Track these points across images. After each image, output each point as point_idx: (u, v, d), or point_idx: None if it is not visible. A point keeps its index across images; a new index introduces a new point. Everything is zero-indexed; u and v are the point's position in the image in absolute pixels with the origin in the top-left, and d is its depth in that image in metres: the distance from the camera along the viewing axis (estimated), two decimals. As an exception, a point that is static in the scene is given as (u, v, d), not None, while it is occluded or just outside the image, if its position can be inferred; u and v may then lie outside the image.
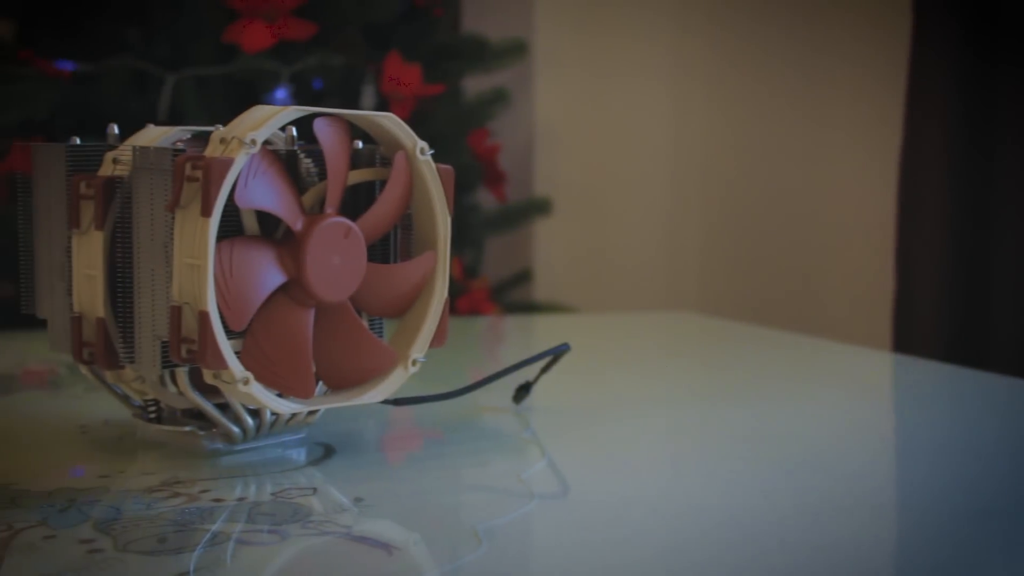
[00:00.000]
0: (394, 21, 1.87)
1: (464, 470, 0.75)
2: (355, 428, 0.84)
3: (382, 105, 1.78)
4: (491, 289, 2.00)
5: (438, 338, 0.76)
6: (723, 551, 0.60)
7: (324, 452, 0.76)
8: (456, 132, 1.85)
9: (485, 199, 2.05)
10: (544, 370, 0.89)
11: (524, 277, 2.18)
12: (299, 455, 0.76)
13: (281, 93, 1.69)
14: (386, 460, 0.80)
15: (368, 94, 1.80)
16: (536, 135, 2.35)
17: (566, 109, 2.38)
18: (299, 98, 1.75)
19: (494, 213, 2.04)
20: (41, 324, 0.78)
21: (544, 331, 1.63)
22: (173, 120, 1.67)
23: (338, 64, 1.75)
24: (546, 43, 2.33)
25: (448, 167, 0.75)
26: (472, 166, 1.86)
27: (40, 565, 0.56)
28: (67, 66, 1.71)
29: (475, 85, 2.04)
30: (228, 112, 1.70)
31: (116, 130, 0.74)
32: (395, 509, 0.66)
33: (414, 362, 0.75)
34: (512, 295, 2.14)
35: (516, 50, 1.97)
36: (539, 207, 2.09)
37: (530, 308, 2.11)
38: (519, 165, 2.27)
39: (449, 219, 0.75)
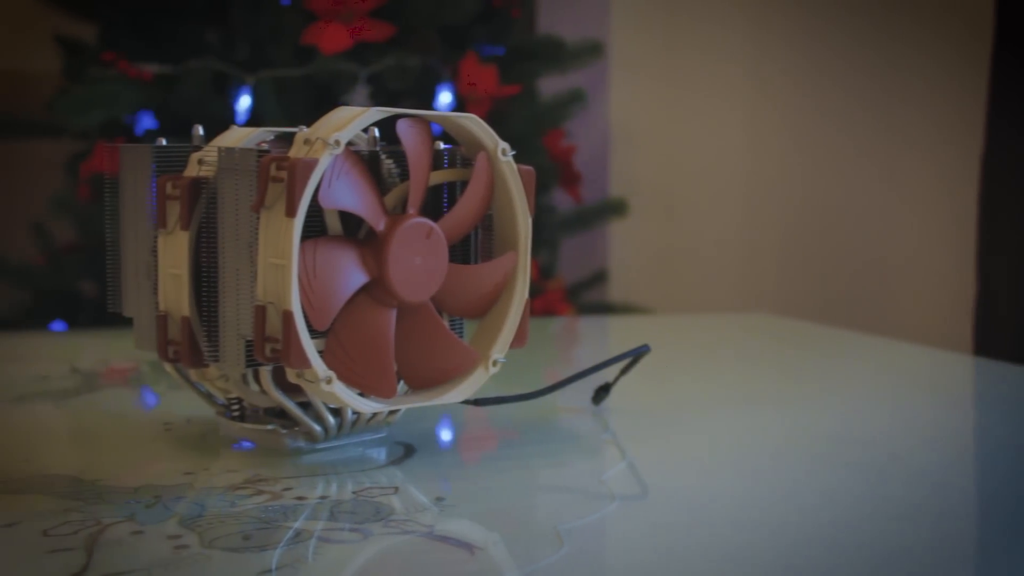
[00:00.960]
0: (471, 22, 1.87)
1: (544, 471, 0.75)
2: (434, 428, 0.84)
3: (458, 106, 1.78)
4: (566, 290, 1.99)
5: (518, 339, 0.76)
6: (800, 553, 0.59)
7: (404, 451, 0.76)
8: (532, 133, 1.85)
9: (561, 200, 2.05)
10: (624, 371, 0.88)
11: (599, 278, 2.17)
12: (379, 454, 0.76)
13: (358, 95, 1.70)
14: (466, 460, 0.80)
15: (444, 95, 1.80)
16: (611, 136, 2.35)
17: (641, 109, 2.38)
18: (376, 99, 1.76)
19: (569, 214, 2.04)
20: (125, 322, 0.79)
21: (619, 332, 1.63)
22: (252, 121, 1.68)
23: (415, 65, 1.76)
24: (621, 43, 2.32)
25: (529, 168, 0.75)
26: (548, 167, 1.86)
27: (128, 560, 0.57)
28: (149, 68, 1.73)
29: (550, 86, 2.04)
30: (306, 113, 1.72)
31: (201, 131, 0.75)
32: (476, 509, 0.66)
33: (495, 362, 0.75)
34: (587, 296, 2.14)
35: (592, 51, 1.96)
36: (614, 208, 2.08)
37: (605, 309, 2.10)
38: (594, 166, 2.27)
39: (530, 220, 0.75)
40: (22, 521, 0.62)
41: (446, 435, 0.85)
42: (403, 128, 0.70)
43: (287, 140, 0.75)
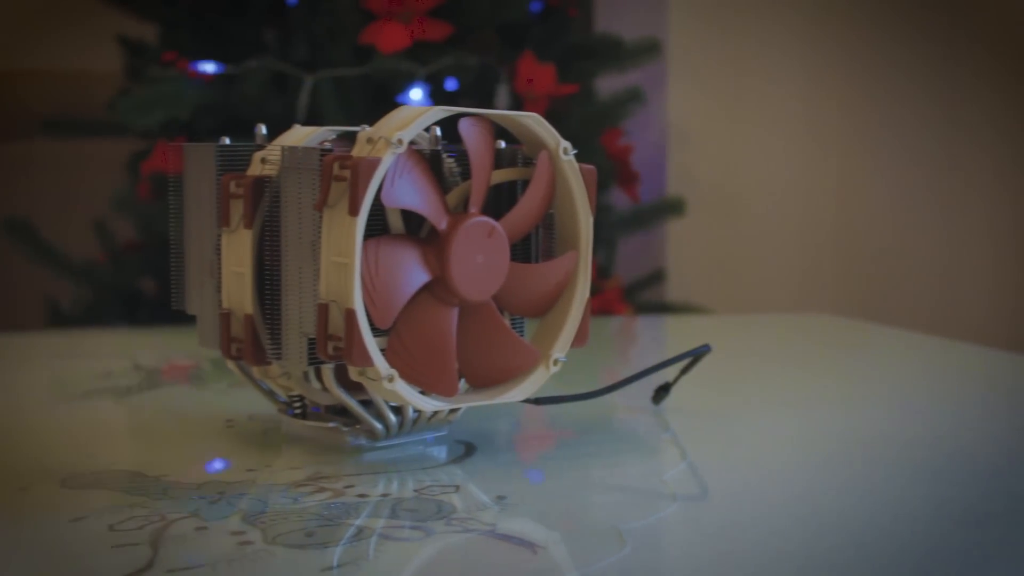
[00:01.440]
0: (528, 21, 1.87)
1: (605, 470, 0.75)
2: (493, 426, 0.84)
3: (516, 105, 1.78)
4: (624, 289, 1.99)
5: (579, 338, 0.76)
6: (862, 556, 0.59)
7: (465, 450, 0.77)
8: (589, 132, 1.85)
9: (618, 199, 2.05)
10: (684, 371, 0.88)
11: (657, 277, 2.16)
12: (440, 452, 0.76)
13: (416, 94, 1.71)
14: (526, 459, 0.80)
15: (502, 94, 1.81)
16: (669, 134, 2.34)
17: (699, 108, 2.37)
18: (434, 98, 1.76)
19: (627, 213, 2.04)
20: (185, 320, 0.80)
21: (676, 332, 1.62)
22: (311, 120, 1.69)
23: (473, 64, 1.76)
24: (679, 42, 2.31)
25: (591, 167, 0.75)
26: (605, 166, 1.86)
27: (193, 555, 0.57)
28: (209, 68, 1.74)
29: (608, 85, 2.03)
30: (365, 112, 1.73)
31: (264, 130, 0.76)
32: (537, 508, 0.66)
33: (555, 361, 0.75)
34: (645, 295, 2.13)
35: (650, 49, 1.96)
36: (672, 207, 2.08)
37: (663, 308, 2.10)
38: (652, 165, 2.27)
39: (591, 219, 0.75)
40: (88, 516, 0.63)
41: (506, 434, 0.85)
42: (465, 127, 0.70)
43: (349, 139, 0.76)
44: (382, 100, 1.77)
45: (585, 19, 2.18)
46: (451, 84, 1.80)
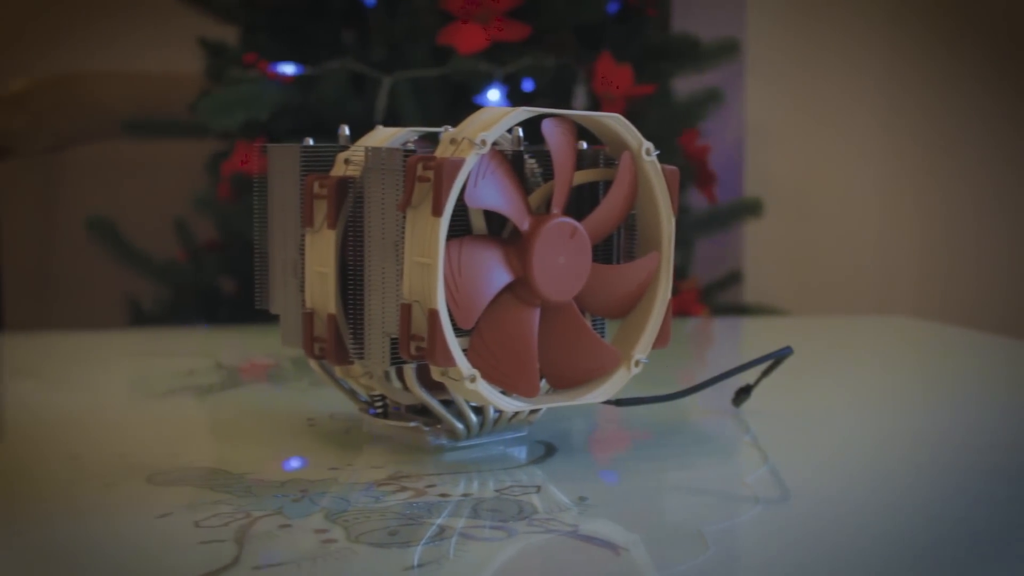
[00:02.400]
0: (606, 21, 1.87)
1: (685, 472, 0.75)
2: (572, 427, 0.84)
3: (593, 106, 1.78)
4: (700, 290, 1.98)
5: (661, 339, 0.76)
6: (946, 560, 0.58)
7: (545, 450, 0.77)
8: (667, 132, 1.84)
9: (695, 200, 2.04)
10: (765, 373, 0.87)
11: (734, 278, 2.15)
12: (520, 453, 0.76)
13: (494, 93, 1.71)
14: (606, 460, 0.80)
15: (580, 95, 1.80)
16: (747, 135, 2.32)
17: (777, 109, 2.35)
18: (511, 99, 1.76)
19: (704, 214, 2.03)
20: (263, 319, 0.80)
21: (753, 334, 1.61)
22: (389, 121, 1.70)
23: (550, 65, 1.76)
24: (757, 42, 2.30)
25: (673, 168, 0.75)
26: (683, 167, 1.85)
27: (278, 552, 0.58)
28: (288, 69, 1.76)
29: (685, 85, 2.02)
30: (442, 113, 1.73)
31: (347, 131, 0.76)
32: (618, 510, 0.66)
33: (637, 363, 0.75)
34: (721, 297, 2.12)
35: (728, 49, 1.95)
36: (749, 208, 2.06)
37: (739, 310, 2.08)
38: (729, 165, 2.25)
39: (674, 220, 0.75)
40: (174, 512, 0.63)
41: (585, 435, 0.85)
42: (548, 128, 0.70)
43: (432, 140, 0.76)
44: (460, 101, 1.77)
45: (663, 19, 2.17)
46: (528, 85, 1.80)
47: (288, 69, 1.75)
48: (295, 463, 0.75)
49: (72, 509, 0.65)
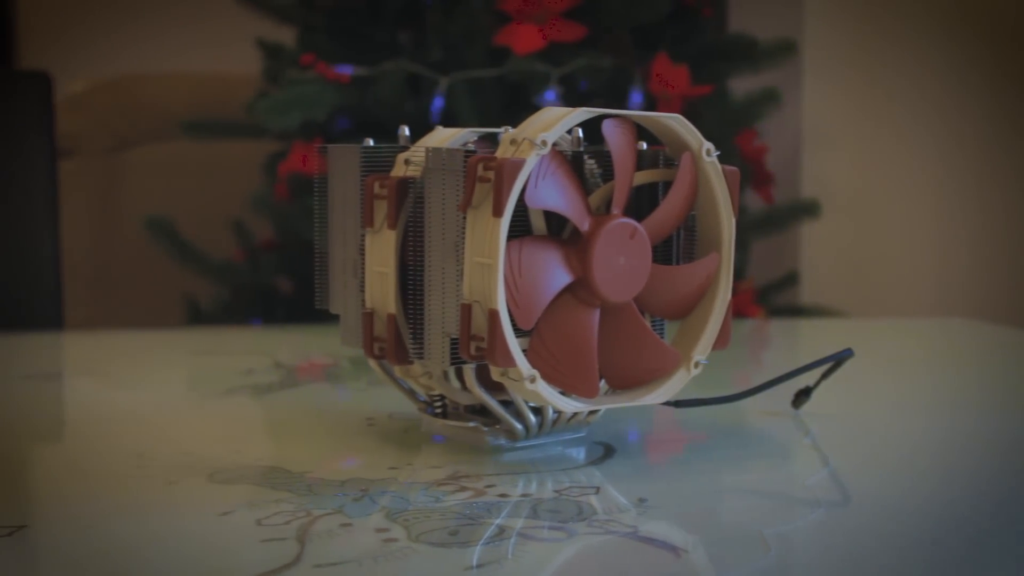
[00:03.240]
0: (662, 22, 1.87)
1: (745, 474, 0.74)
2: (629, 428, 0.84)
3: (649, 106, 1.78)
4: (756, 291, 1.97)
5: (721, 340, 0.76)
6: (1014, 566, 0.58)
7: (604, 451, 0.76)
8: (724, 133, 1.84)
9: (752, 200, 2.03)
10: (826, 375, 0.87)
11: (790, 280, 2.14)
12: (579, 454, 0.76)
13: (550, 95, 1.71)
14: (665, 461, 0.80)
15: (635, 95, 1.80)
16: (804, 136, 2.31)
17: (835, 109, 2.33)
18: (566, 100, 1.76)
19: (760, 214, 2.02)
20: (320, 318, 0.81)
21: (810, 336, 1.61)
22: (445, 122, 1.71)
23: (606, 66, 1.76)
24: (815, 42, 2.29)
25: (734, 168, 0.75)
26: (740, 167, 1.84)
27: (339, 551, 0.58)
28: (346, 70, 1.76)
29: (742, 85, 2.01)
30: (498, 114, 1.73)
31: (407, 132, 0.76)
32: (678, 511, 0.66)
33: (696, 364, 0.75)
34: (778, 298, 2.11)
35: (785, 49, 1.94)
36: (806, 209, 2.05)
37: (796, 312, 2.07)
38: (786, 166, 2.24)
39: (734, 221, 0.75)
40: (236, 510, 0.64)
41: (643, 436, 0.84)
42: (609, 128, 0.70)
43: (491, 140, 0.76)
44: (516, 101, 1.77)
45: (719, 19, 2.17)
46: (583, 85, 1.80)
47: (345, 70, 1.76)
48: (354, 462, 0.75)
49: (137, 506, 0.66)
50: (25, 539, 0.60)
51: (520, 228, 0.69)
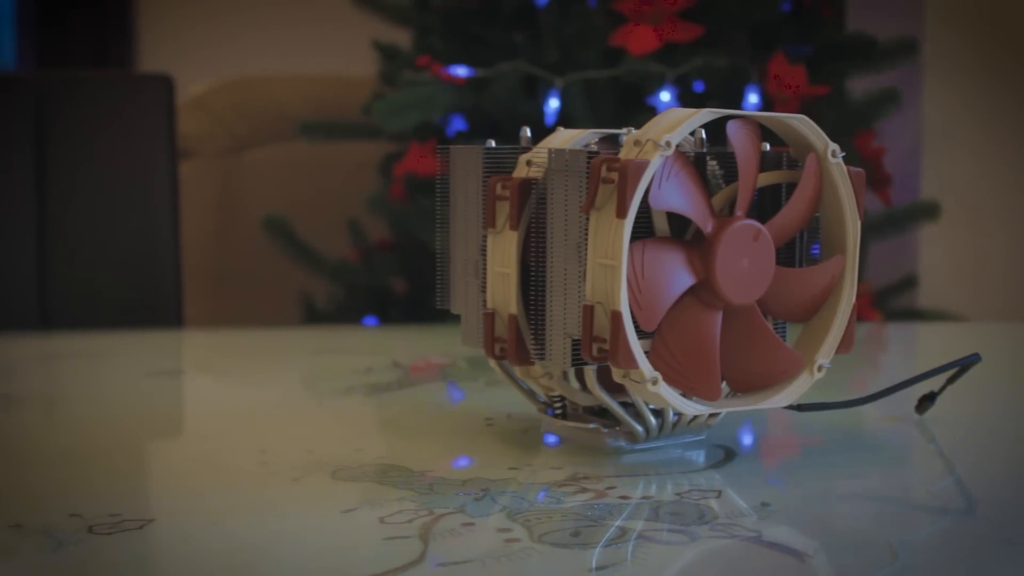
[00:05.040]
0: (779, 21, 1.85)
1: (869, 480, 0.73)
2: (748, 431, 0.83)
3: (766, 107, 1.76)
4: (874, 294, 1.94)
5: (844, 344, 0.75)
6: None
7: (724, 455, 0.76)
8: (842, 133, 1.81)
9: (869, 202, 2.00)
10: (951, 380, 0.85)
11: (908, 283, 2.11)
12: (698, 456, 0.76)
13: (665, 96, 1.70)
14: (784, 465, 0.79)
15: (751, 95, 1.79)
16: (924, 136, 2.27)
17: (956, 109, 2.29)
18: (682, 100, 1.76)
19: (878, 216, 1.99)
20: (433, 318, 0.81)
21: (929, 340, 1.58)
22: (560, 123, 1.71)
23: (722, 66, 1.74)
24: (936, 40, 2.24)
25: (859, 170, 0.74)
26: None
27: (462, 550, 0.58)
28: (461, 71, 1.77)
29: (859, 85, 1.99)
30: (613, 114, 1.73)
31: (528, 133, 0.77)
32: (801, 516, 0.65)
33: (820, 367, 0.74)
34: (895, 301, 2.08)
35: (905, 49, 1.91)
36: (926, 211, 2.02)
37: (914, 315, 2.04)
38: (905, 167, 2.20)
39: (859, 223, 0.74)
40: (359, 507, 0.65)
41: (763, 439, 0.84)
42: (733, 129, 0.69)
43: (612, 142, 0.76)
44: (630, 102, 1.77)
45: (837, 18, 2.14)
46: (699, 86, 1.79)
47: (461, 71, 1.77)
48: (468, 461, 0.76)
49: (262, 502, 0.67)
50: (155, 532, 0.61)
51: (643, 230, 0.68)
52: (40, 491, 0.70)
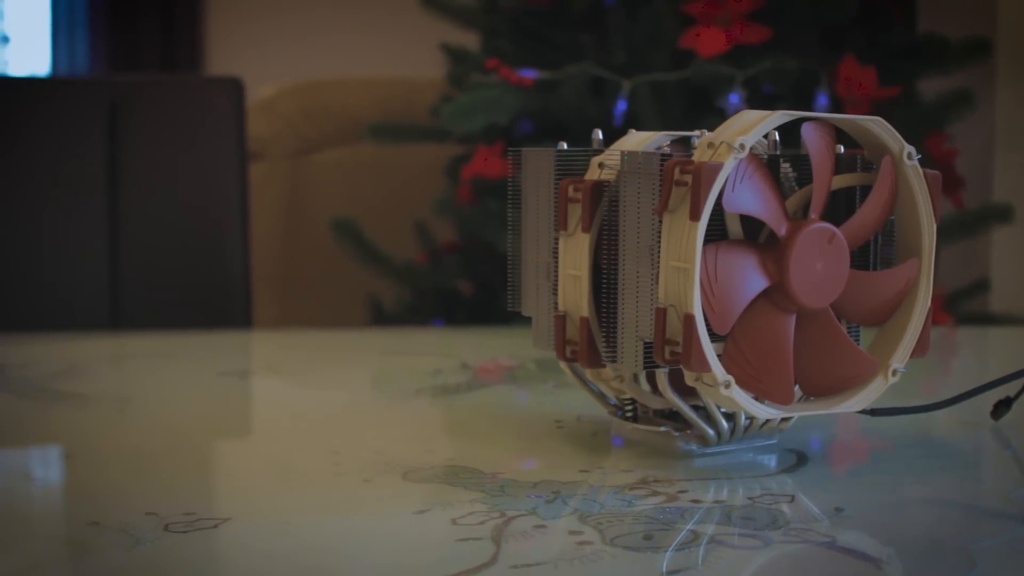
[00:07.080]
0: (849, 22, 1.83)
1: (942, 486, 0.73)
2: (821, 435, 0.83)
3: (836, 109, 1.75)
4: (945, 298, 1.92)
5: (919, 348, 0.74)
6: None
7: (796, 459, 0.75)
8: (913, 135, 1.79)
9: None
10: (1029, 386, 0.84)
11: (980, 287, 2.08)
12: (770, 461, 0.75)
13: (734, 98, 1.69)
14: (857, 470, 0.78)
15: (821, 97, 1.77)
16: (996, 138, 2.24)
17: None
18: (750, 103, 1.75)
19: (950, 219, 1.96)
20: (500, 319, 0.81)
21: (1002, 344, 1.55)
22: (627, 125, 1.70)
23: (792, 68, 1.73)
24: (1008, 41, 2.21)
25: (936, 173, 0.73)
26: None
27: (534, 552, 0.58)
28: (529, 74, 1.78)
29: (931, 86, 1.97)
30: (681, 117, 1.72)
31: (600, 135, 0.76)
32: (875, 522, 0.64)
33: (894, 372, 0.73)
34: (967, 305, 2.06)
35: (978, 50, 1.88)
36: (998, 214, 1.99)
37: (986, 320, 2.02)
38: (977, 170, 2.18)
39: (935, 226, 0.73)
40: (431, 509, 0.65)
41: (836, 444, 0.83)
42: (808, 131, 0.69)
43: (684, 144, 0.76)
44: (698, 104, 1.76)
45: (908, 18, 2.12)
46: (768, 88, 1.78)
47: (528, 74, 1.78)
48: (535, 463, 0.76)
49: (335, 502, 0.67)
50: (230, 531, 0.62)
51: (716, 232, 0.68)
52: (116, 489, 0.70)
